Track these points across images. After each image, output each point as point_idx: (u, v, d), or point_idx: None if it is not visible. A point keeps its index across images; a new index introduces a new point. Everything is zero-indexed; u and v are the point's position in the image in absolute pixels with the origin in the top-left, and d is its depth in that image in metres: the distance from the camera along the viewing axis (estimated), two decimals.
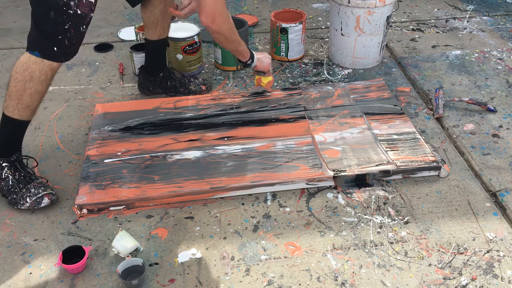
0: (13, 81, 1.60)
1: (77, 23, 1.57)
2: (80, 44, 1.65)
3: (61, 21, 1.53)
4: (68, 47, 1.59)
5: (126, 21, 2.98)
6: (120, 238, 1.51)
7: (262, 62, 2.06)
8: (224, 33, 1.80)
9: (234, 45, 1.90)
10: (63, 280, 1.47)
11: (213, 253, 1.54)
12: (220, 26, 1.76)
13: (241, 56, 1.98)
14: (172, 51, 2.33)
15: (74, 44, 1.60)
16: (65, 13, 1.53)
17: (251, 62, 2.02)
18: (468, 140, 1.97)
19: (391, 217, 1.65)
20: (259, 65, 2.06)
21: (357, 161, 1.80)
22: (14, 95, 1.61)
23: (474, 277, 1.45)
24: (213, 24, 1.73)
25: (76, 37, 1.59)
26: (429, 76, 2.38)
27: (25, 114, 1.64)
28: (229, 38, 1.83)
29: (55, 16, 1.52)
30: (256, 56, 2.04)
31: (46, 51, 1.57)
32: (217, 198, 1.73)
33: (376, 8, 2.27)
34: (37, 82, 1.59)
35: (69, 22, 1.54)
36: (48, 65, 1.59)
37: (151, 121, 2.04)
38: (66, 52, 1.61)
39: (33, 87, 1.60)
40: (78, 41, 1.62)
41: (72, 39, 1.58)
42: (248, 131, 1.97)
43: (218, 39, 1.85)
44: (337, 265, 1.49)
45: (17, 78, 1.59)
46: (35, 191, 1.67)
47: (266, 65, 2.08)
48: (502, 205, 1.68)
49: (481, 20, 2.90)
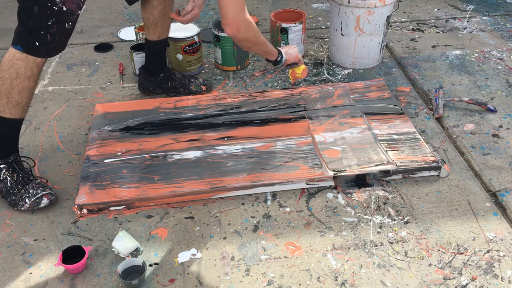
0: (0, 80, 1.59)
1: (62, 19, 1.56)
2: (65, 40, 1.64)
3: (44, 16, 1.53)
4: (50, 42, 1.58)
5: (126, 21, 2.98)
6: (120, 238, 1.51)
7: (290, 54, 2.04)
8: (250, 39, 1.80)
9: (261, 47, 1.89)
10: (63, 280, 1.47)
11: (213, 253, 1.54)
12: (245, 34, 1.77)
13: (269, 55, 1.97)
14: (172, 51, 2.33)
15: (56, 40, 1.59)
16: (49, 9, 1.52)
17: (281, 58, 2.00)
18: (468, 140, 1.97)
19: (391, 217, 1.65)
20: (289, 57, 2.04)
21: (357, 161, 1.80)
22: (3, 94, 1.60)
23: (474, 277, 1.45)
24: (239, 33, 1.74)
25: (59, 33, 1.58)
26: (429, 76, 2.38)
27: (16, 112, 1.63)
28: (255, 42, 1.84)
29: (39, 11, 1.52)
30: (283, 51, 2.02)
31: (28, 46, 1.56)
32: (217, 198, 1.73)
33: (376, 8, 2.26)
34: (23, 78, 1.59)
35: (53, 18, 1.54)
36: (32, 60, 1.58)
37: (151, 121, 2.04)
38: (49, 48, 1.59)
39: (21, 84, 1.59)
40: (61, 37, 1.61)
41: (54, 35, 1.57)
42: (248, 131, 1.97)
43: (245, 45, 1.86)
44: (337, 265, 1.49)
45: (4, 76, 1.58)
46: (34, 191, 1.67)
47: (295, 55, 2.05)
48: (502, 205, 1.68)
49: (481, 20, 2.90)
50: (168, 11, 2.00)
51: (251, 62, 2.51)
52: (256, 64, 2.50)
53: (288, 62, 2.05)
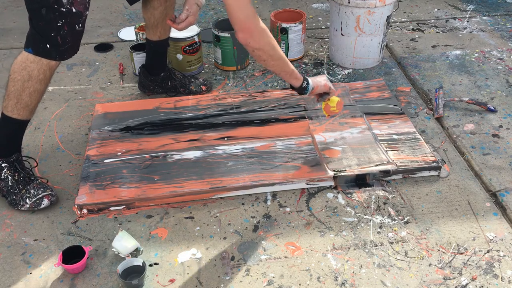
0: (12, 81, 1.59)
1: (72, 21, 1.55)
2: (76, 42, 1.63)
3: (53, 18, 1.51)
4: (61, 44, 1.57)
5: (126, 21, 2.98)
6: (120, 238, 1.51)
7: (319, 82, 1.78)
8: (265, 49, 1.59)
9: (280, 63, 1.66)
10: (63, 280, 1.47)
11: (213, 253, 1.54)
12: (260, 42, 1.58)
13: (292, 78, 1.71)
14: (172, 51, 2.33)
15: (68, 42, 1.58)
16: (56, 11, 1.51)
17: (307, 85, 1.74)
18: (468, 140, 1.97)
19: (391, 217, 1.65)
20: (317, 86, 1.77)
21: (357, 161, 1.80)
22: (13, 95, 1.60)
23: (474, 277, 1.45)
24: (252, 39, 1.56)
25: (70, 35, 1.57)
26: (429, 76, 2.38)
27: (24, 114, 1.64)
28: (272, 55, 1.62)
29: (47, 13, 1.51)
30: (310, 79, 1.77)
31: (39, 48, 1.56)
32: (217, 198, 1.73)
33: (376, 8, 2.26)
34: (35, 81, 1.59)
35: (62, 20, 1.53)
36: (46, 63, 1.58)
37: (151, 121, 2.04)
38: (60, 50, 1.58)
39: (32, 86, 1.59)
40: (73, 39, 1.59)
41: (65, 37, 1.56)
42: (248, 131, 1.97)
43: (260, 57, 1.62)
44: (337, 265, 1.49)
45: (16, 77, 1.58)
46: (35, 192, 1.67)
47: (324, 83, 1.79)
48: (502, 205, 1.68)
49: (481, 20, 2.90)
50: (169, 12, 2.00)
51: (251, 62, 2.51)
52: (256, 64, 2.50)
53: (316, 91, 1.78)
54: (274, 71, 1.70)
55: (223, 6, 3.07)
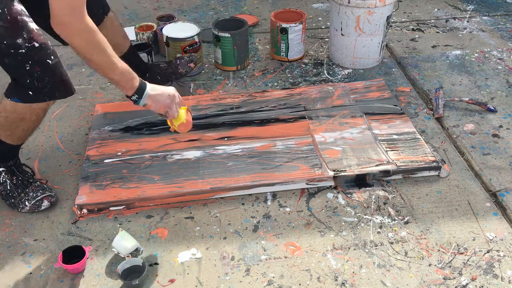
0: (4, 118, 1.51)
1: (40, 58, 1.38)
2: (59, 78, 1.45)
3: (17, 64, 1.37)
4: (42, 87, 1.42)
5: (126, 21, 2.98)
6: (120, 238, 1.51)
7: (157, 101, 1.55)
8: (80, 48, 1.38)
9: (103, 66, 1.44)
10: (63, 280, 1.47)
11: (213, 253, 1.54)
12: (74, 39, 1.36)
13: (120, 86, 1.52)
14: (172, 51, 2.33)
15: (48, 82, 1.41)
16: (17, 55, 1.35)
17: (138, 99, 1.53)
18: (468, 140, 1.97)
19: (391, 217, 1.65)
20: (151, 104, 1.55)
21: (357, 161, 1.80)
22: (6, 128, 1.55)
23: (474, 277, 1.45)
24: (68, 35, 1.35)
25: (46, 74, 1.40)
26: (429, 76, 2.38)
27: (19, 141, 1.63)
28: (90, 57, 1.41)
29: (9, 62, 1.38)
30: (149, 93, 1.53)
31: (23, 96, 1.45)
32: (217, 198, 1.73)
33: (376, 8, 2.26)
34: (29, 121, 1.54)
35: (29, 61, 1.37)
36: (39, 107, 1.50)
37: (151, 121, 2.04)
38: (43, 93, 1.43)
39: (26, 125, 1.55)
40: (52, 76, 1.42)
41: (42, 78, 1.40)
42: (248, 131, 1.97)
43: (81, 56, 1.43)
44: (337, 265, 1.49)
45: (8, 116, 1.51)
46: (34, 194, 1.67)
47: (161, 106, 1.56)
48: (502, 205, 1.68)
49: (481, 20, 2.90)
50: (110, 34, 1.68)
51: (251, 62, 2.51)
52: (256, 64, 2.50)
53: (149, 108, 1.56)
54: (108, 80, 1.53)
55: (223, 6, 3.07)
